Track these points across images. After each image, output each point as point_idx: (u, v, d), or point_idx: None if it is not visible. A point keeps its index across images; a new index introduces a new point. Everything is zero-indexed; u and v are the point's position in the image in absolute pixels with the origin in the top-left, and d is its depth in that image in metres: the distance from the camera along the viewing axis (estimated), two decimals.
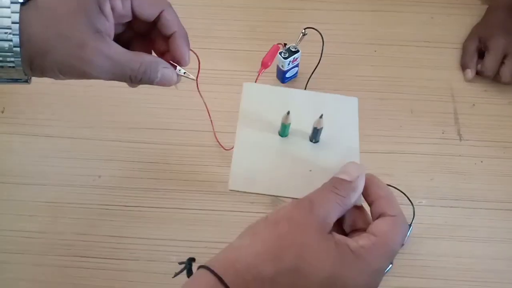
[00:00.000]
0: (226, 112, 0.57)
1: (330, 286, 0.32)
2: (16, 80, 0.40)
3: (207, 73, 0.52)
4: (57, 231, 0.53)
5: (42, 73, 0.39)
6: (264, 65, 0.59)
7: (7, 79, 0.40)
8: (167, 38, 0.42)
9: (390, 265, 0.51)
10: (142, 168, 0.57)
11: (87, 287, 0.50)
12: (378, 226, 0.35)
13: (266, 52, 0.62)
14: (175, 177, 0.57)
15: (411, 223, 0.53)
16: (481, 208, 0.55)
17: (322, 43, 0.59)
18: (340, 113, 0.43)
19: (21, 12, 0.37)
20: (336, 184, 0.36)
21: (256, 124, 0.36)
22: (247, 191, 0.39)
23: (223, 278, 0.32)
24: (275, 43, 0.64)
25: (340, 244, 0.33)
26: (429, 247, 0.52)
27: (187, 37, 0.43)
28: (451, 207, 0.55)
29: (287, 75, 0.63)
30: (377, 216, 0.36)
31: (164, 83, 0.42)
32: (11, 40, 0.36)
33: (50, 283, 0.50)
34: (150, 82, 0.41)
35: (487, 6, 0.71)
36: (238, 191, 0.39)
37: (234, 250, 0.34)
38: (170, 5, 0.42)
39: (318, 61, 0.62)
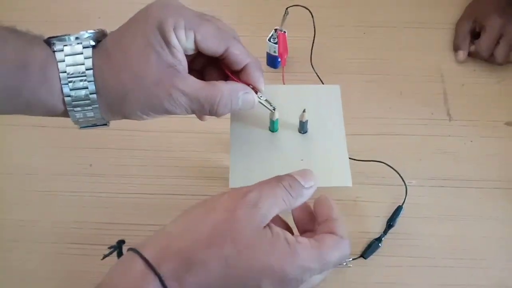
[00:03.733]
0: None
1: (260, 274, 0.32)
2: (95, 125, 0.40)
3: None
4: (49, 219, 0.54)
5: (123, 116, 0.39)
6: (282, 57, 0.59)
7: (86, 125, 0.40)
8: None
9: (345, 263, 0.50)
10: (133, 156, 0.58)
11: (81, 274, 0.51)
12: (324, 237, 0.35)
13: (255, 37, 0.62)
14: (166, 163, 0.57)
15: (403, 203, 0.53)
16: (470, 187, 0.55)
17: (312, 21, 0.59)
18: (324, 102, 0.46)
19: (93, 57, 0.36)
20: (291, 183, 0.36)
21: (248, 123, 0.38)
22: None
23: (152, 262, 0.31)
24: (264, 29, 0.63)
25: (277, 235, 0.33)
26: (418, 227, 0.53)
27: (260, 65, 0.40)
28: (441, 186, 0.56)
29: (279, 59, 0.62)
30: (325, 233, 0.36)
31: (244, 108, 0.40)
32: (86, 87, 0.36)
33: (43, 270, 0.51)
34: (230, 111, 0.40)
35: None
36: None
37: (166, 235, 0.34)
38: (235, 38, 0.40)
39: (312, 42, 0.61)
